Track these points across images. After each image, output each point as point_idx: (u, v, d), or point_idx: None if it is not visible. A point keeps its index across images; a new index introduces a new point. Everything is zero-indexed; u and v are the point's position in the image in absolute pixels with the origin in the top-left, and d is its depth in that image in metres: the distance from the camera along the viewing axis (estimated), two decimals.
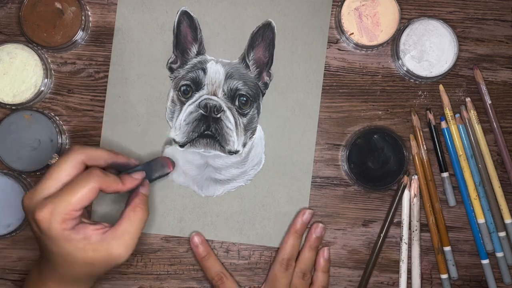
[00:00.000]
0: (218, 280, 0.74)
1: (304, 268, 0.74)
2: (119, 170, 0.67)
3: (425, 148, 0.75)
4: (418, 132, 0.75)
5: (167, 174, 0.71)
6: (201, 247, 0.75)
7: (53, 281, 0.62)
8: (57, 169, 0.61)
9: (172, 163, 0.71)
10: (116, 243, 0.60)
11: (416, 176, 0.75)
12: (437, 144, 0.75)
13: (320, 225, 0.75)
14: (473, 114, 0.75)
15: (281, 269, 0.74)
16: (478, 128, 0.75)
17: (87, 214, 0.68)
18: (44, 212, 0.58)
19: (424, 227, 0.76)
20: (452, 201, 0.76)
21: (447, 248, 0.76)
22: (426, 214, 0.75)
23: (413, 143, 0.75)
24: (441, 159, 0.75)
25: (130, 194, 0.66)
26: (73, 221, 0.59)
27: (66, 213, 0.58)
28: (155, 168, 0.69)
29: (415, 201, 0.75)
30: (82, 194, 0.59)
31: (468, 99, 0.76)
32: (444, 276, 0.76)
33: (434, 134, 0.75)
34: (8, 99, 0.72)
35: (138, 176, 0.66)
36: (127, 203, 0.65)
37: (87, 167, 0.63)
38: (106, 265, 0.61)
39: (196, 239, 0.75)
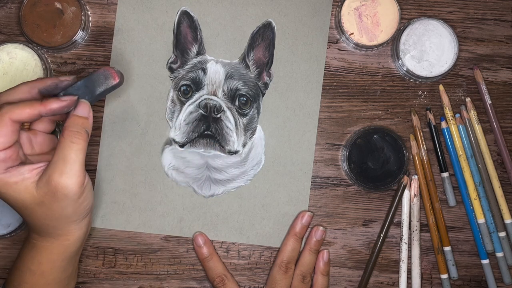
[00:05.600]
0: (219, 282, 0.74)
1: (304, 271, 0.74)
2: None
3: (425, 148, 0.75)
4: (418, 132, 0.75)
5: (114, 87, 0.62)
6: (205, 247, 0.75)
7: (36, 237, 0.62)
8: None
9: (118, 73, 0.63)
10: (57, 174, 0.57)
11: (416, 176, 0.75)
12: (437, 144, 0.75)
13: (321, 228, 0.75)
14: (473, 114, 0.75)
15: (280, 272, 0.74)
16: (478, 128, 0.75)
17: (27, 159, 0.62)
18: None
19: (424, 227, 0.76)
20: (452, 201, 0.76)
21: (447, 248, 0.76)
22: (426, 214, 0.75)
23: (413, 143, 0.75)
24: (441, 159, 0.75)
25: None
26: (1, 164, 0.56)
27: None
28: (98, 82, 0.61)
29: (415, 201, 0.75)
30: None
31: (468, 99, 0.75)
32: (444, 276, 0.76)
33: (434, 134, 0.75)
34: None
35: (65, 98, 0.59)
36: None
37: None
38: (58, 201, 0.57)
39: (200, 240, 0.75)
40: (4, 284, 0.66)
